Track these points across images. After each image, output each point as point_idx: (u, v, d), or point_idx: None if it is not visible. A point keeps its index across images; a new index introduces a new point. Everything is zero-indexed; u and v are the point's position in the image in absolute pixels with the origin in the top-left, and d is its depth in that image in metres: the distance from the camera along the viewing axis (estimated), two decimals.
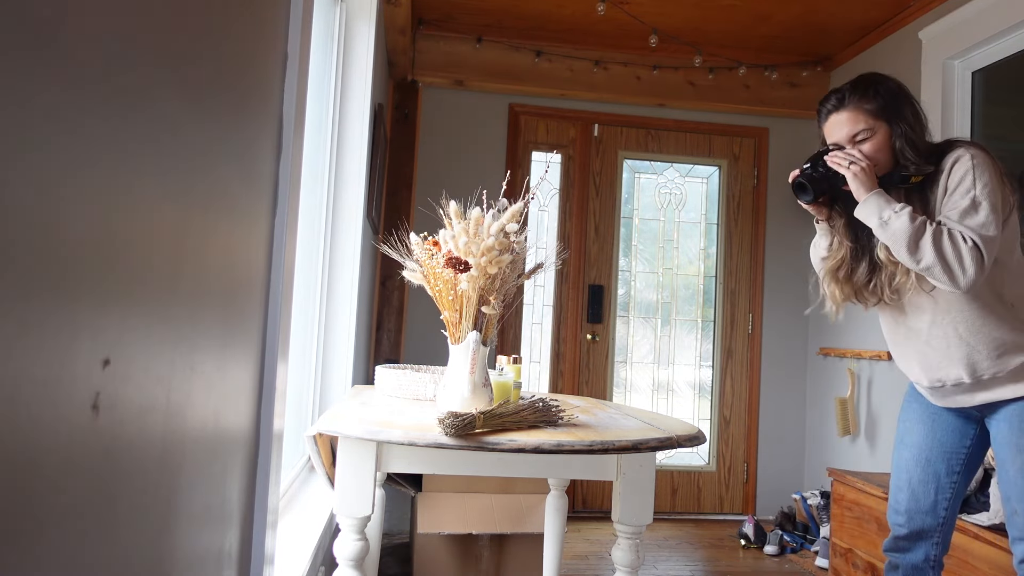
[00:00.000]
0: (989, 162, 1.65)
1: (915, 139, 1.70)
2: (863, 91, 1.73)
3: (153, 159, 0.60)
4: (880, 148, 1.71)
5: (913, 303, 1.75)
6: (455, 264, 1.44)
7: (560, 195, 4.11)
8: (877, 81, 1.75)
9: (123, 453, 0.57)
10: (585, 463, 1.48)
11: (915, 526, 1.81)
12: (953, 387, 1.73)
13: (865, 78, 1.77)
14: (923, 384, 1.80)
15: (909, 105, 1.73)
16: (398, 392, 1.81)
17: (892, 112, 1.71)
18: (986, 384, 1.69)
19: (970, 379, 1.69)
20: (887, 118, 1.71)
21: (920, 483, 1.82)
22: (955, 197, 1.63)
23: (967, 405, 1.75)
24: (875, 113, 1.71)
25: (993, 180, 1.63)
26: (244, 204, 0.91)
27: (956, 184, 1.63)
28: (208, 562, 0.83)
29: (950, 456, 1.80)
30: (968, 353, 1.68)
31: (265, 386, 1.06)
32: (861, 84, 1.75)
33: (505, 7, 3.56)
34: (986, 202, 1.60)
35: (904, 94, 1.74)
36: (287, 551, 1.66)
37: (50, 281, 0.45)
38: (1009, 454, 1.67)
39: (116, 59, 0.53)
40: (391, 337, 3.77)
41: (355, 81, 2.63)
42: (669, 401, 4.19)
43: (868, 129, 1.71)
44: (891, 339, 1.85)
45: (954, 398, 1.76)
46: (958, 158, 1.65)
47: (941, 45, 3.14)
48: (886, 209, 1.63)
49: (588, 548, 3.42)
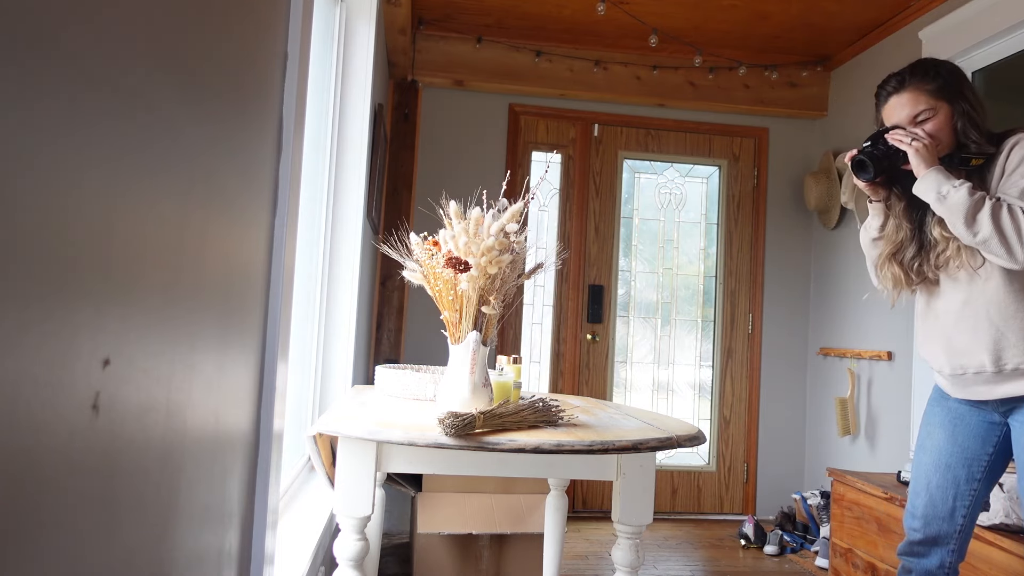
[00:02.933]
0: None
1: (977, 120, 1.70)
2: (923, 72, 1.72)
3: (153, 159, 0.60)
4: (942, 128, 1.70)
5: (949, 282, 1.73)
6: (455, 264, 1.44)
7: (560, 195, 4.11)
8: (936, 64, 1.75)
9: (123, 453, 0.57)
10: (585, 463, 1.48)
11: (931, 532, 1.78)
12: (975, 375, 1.70)
13: (924, 61, 1.77)
14: (945, 372, 1.76)
15: (969, 87, 1.73)
16: (398, 392, 1.81)
17: (953, 92, 1.70)
18: (1009, 376, 1.66)
19: (993, 367, 1.66)
20: (948, 98, 1.70)
21: (939, 488, 1.78)
22: (1015, 177, 1.61)
23: (988, 398, 1.71)
24: (936, 93, 1.70)
25: None
26: (244, 204, 0.91)
27: (1016, 165, 1.62)
28: (208, 562, 0.83)
29: (971, 462, 1.76)
30: (996, 339, 1.65)
31: (265, 386, 1.06)
32: (921, 66, 1.75)
33: (505, 7, 3.56)
34: None
35: (963, 77, 1.74)
36: (287, 551, 1.66)
37: (50, 281, 0.45)
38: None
39: (116, 59, 0.53)
40: (391, 337, 3.78)
41: (355, 81, 2.63)
42: (669, 401, 4.19)
43: (929, 109, 1.70)
44: (921, 320, 1.83)
45: (975, 388, 1.72)
46: (1019, 140, 1.65)
47: (941, 45, 3.14)
48: (945, 184, 1.61)
49: (588, 548, 3.42)
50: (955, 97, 1.70)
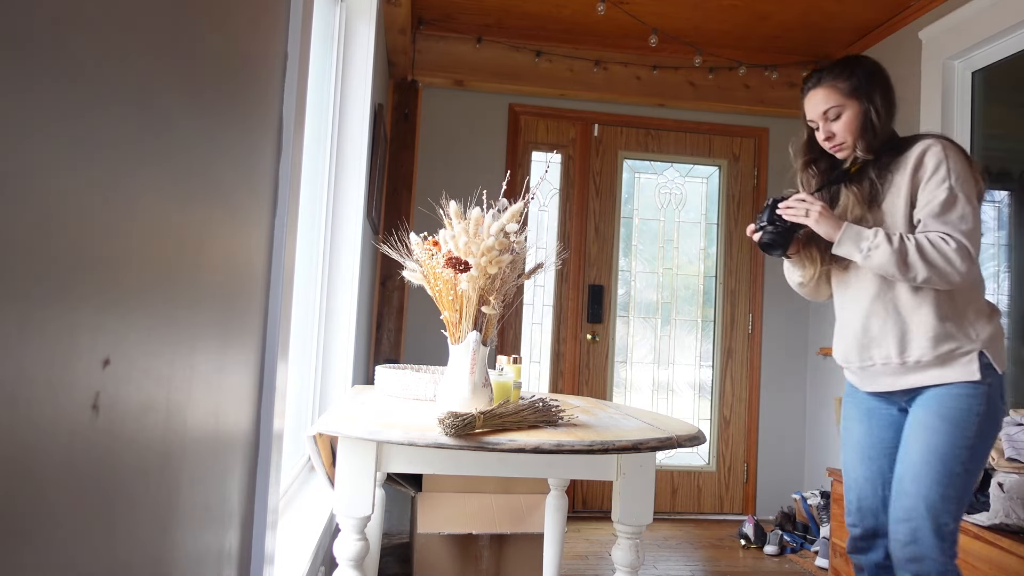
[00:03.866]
0: (960, 152, 1.71)
1: (876, 123, 1.75)
2: (839, 70, 1.79)
3: (153, 159, 0.60)
4: (848, 126, 1.77)
5: (861, 276, 1.79)
6: (455, 264, 1.44)
7: (560, 195, 4.11)
8: (855, 62, 1.81)
9: (123, 453, 0.57)
10: (585, 463, 1.48)
11: (868, 525, 1.82)
12: (882, 366, 1.75)
13: (845, 59, 1.83)
14: (854, 365, 1.82)
15: (882, 90, 1.78)
16: (398, 392, 1.81)
17: (864, 92, 1.76)
18: (912, 368, 1.71)
19: (898, 359, 1.72)
20: (858, 97, 1.76)
21: (866, 481, 1.83)
22: (930, 187, 1.67)
23: (893, 389, 1.76)
24: (847, 92, 1.76)
25: (965, 170, 1.68)
26: (244, 204, 0.91)
27: (931, 174, 1.68)
28: (208, 562, 0.83)
29: (891, 451, 1.80)
30: (902, 331, 1.72)
31: (265, 386, 1.06)
32: (839, 64, 1.81)
33: (505, 7, 3.56)
34: (961, 193, 1.65)
35: (880, 79, 1.79)
36: (287, 551, 1.66)
37: (50, 281, 0.45)
38: (915, 432, 1.69)
39: (116, 60, 0.53)
40: (391, 337, 3.77)
41: (355, 81, 2.63)
42: (669, 401, 4.19)
43: (838, 107, 1.77)
44: (838, 310, 1.89)
45: (882, 380, 1.78)
46: (928, 147, 1.70)
47: (941, 45, 3.14)
48: (862, 241, 1.68)
49: (588, 548, 3.42)
50: (865, 97, 1.76)
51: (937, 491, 1.63)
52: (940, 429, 1.65)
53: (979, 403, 1.65)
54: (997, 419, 1.69)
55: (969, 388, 1.66)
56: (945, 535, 1.64)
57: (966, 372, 1.67)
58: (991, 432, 1.68)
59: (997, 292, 3.04)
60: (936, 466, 1.64)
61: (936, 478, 1.64)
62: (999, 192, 3.17)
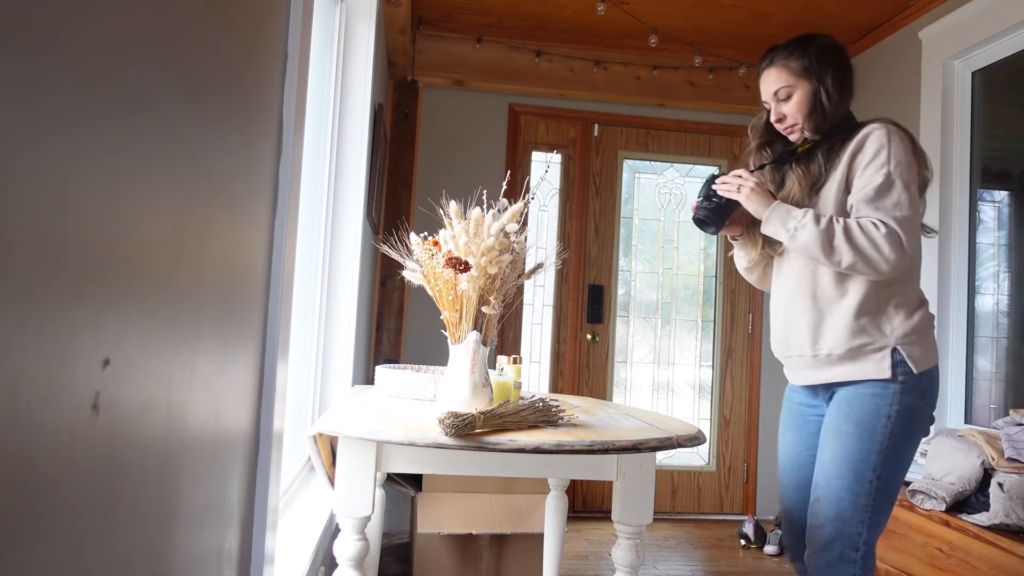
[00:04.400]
0: (905, 139, 1.62)
1: (826, 105, 1.69)
2: (791, 49, 1.74)
3: (153, 159, 0.60)
4: (798, 106, 1.71)
5: (788, 264, 1.74)
6: (455, 264, 1.44)
7: (560, 195, 4.11)
8: (808, 41, 1.74)
9: (123, 453, 0.57)
10: (585, 463, 1.48)
11: (796, 536, 1.77)
12: (798, 358, 1.70)
13: (800, 37, 1.76)
14: (780, 355, 1.78)
15: (835, 70, 1.70)
16: (398, 392, 1.81)
17: (816, 73, 1.69)
18: (823, 362, 1.65)
19: (811, 351, 1.66)
20: (809, 77, 1.70)
21: (796, 488, 1.78)
22: (868, 172, 1.59)
23: (812, 382, 1.72)
24: (798, 71, 1.71)
25: (908, 157, 1.59)
26: (244, 204, 0.91)
27: (870, 159, 1.60)
28: (208, 562, 0.83)
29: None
30: (816, 323, 1.65)
31: (265, 386, 1.06)
32: (793, 43, 1.75)
33: (505, 7, 3.56)
34: (899, 179, 1.56)
35: (833, 58, 1.72)
36: (287, 551, 1.66)
37: (50, 281, 0.45)
38: (826, 437, 1.64)
39: (116, 60, 0.53)
40: (391, 337, 3.77)
41: (355, 81, 2.63)
42: (669, 401, 4.19)
43: (788, 86, 1.72)
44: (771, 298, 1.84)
45: (801, 372, 1.73)
46: (871, 132, 1.62)
47: (941, 45, 3.14)
48: (789, 220, 1.61)
49: (588, 548, 3.42)
50: (816, 77, 1.69)
51: (848, 499, 1.57)
52: (849, 433, 1.59)
53: (889, 404, 1.57)
54: (915, 420, 1.59)
55: (878, 387, 1.58)
56: (858, 544, 1.57)
57: (876, 369, 1.59)
58: (908, 434, 1.59)
59: (997, 292, 3.04)
60: (846, 473, 1.58)
61: (846, 485, 1.58)
62: (999, 192, 3.17)
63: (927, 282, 3.13)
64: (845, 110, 1.73)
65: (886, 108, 3.52)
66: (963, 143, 3.11)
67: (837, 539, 1.58)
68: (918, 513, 2.41)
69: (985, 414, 2.99)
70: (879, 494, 1.58)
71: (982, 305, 3.07)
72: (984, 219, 3.12)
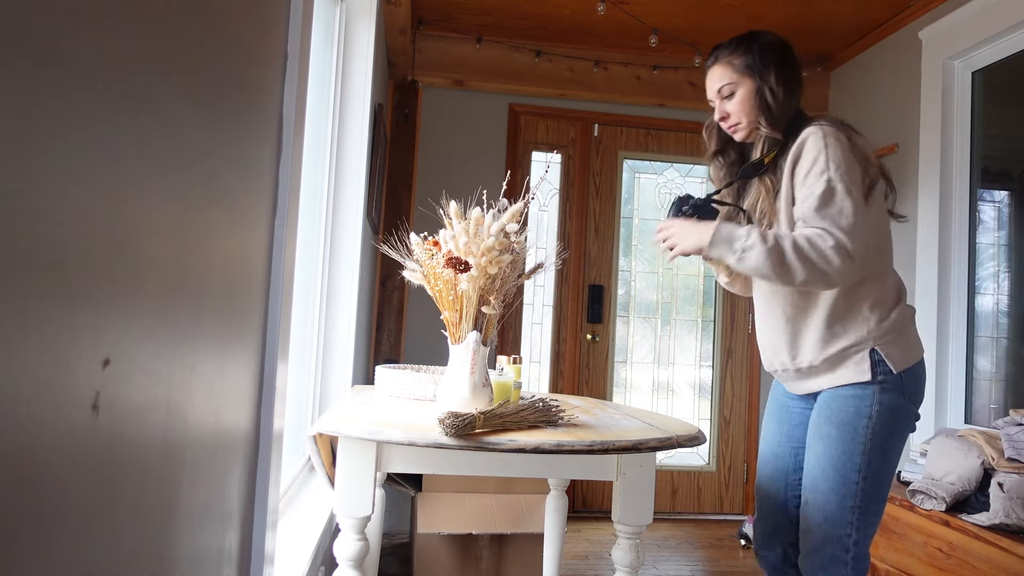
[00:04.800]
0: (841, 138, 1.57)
1: (771, 103, 1.65)
2: (735, 46, 1.71)
3: (153, 160, 0.60)
4: (741, 105, 1.69)
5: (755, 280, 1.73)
6: (455, 264, 1.44)
7: (560, 195, 4.11)
8: (752, 37, 1.71)
9: (123, 453, 0.57)
10: (585, 463, 1.48)
11: (769, 525, 1.79)
12: (783, 372, 1.70)
13: (745, 34, 1.73)
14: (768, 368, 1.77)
15: (779, 67, 1.67)
16: (398, 392, 1.81)
17: (757, 70, 1.67)
18: (806, 373, 1.65)
19: (792, 365, 1.65)
20: (752, 75, 1.67)
21: (770, 480, 1.79)
22: (810, 180, 1.55)
23: (799, 393, 1.71)
24: (741, 69, 1.68)
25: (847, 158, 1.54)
26: (244, 204, 0.91)
27: (809, 167, 1.56)
28: (208, 562, 0.83)
29: (798, 451, 1.75)
30: (792, 336, 1.64)
31: (265, 386, 1.06)
32: (736, 39, 1.72)
33: (505, 7, 3.56)
34: (840, 184, 1.51)
35: (776, 54, 1.69)
36: (287, 551, 1.66)
37: (51, 281, 0.45)
38: (812, 441, 1.64)
39: (116, 60, 0.53)
40: (391, 337, 3.77)
41: (355, 81, 2.63)
42: (669, 401, 4.19)
43: (731, 84, 1.70)
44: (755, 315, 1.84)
45: (790, 384, 1.73)
46: (807, 138, 1.58)
47: (941, 45, 3.14)
48: (735, 242, 1.55)
49: (588, 548, 3.42)
50: (759, 75, 1.66)
51: (835, 501, 1.57)
52: (832, 436, 1.59)
53: (869, 405, 1.56)
54: (898, 419, 1.58)
55: (858, 390, 1.57)
56: (848, 545, 1.57)
57: (856, 372, 1.57)
58: (891, 433, 1.57)
59: (997, 292, 3.04)
60: (831, 476, 1.58)
61: (832, 487, 1.57)
62: (999, 192, 3.17)
63: (927, 282, 3.13)
64: (794, 107, 1.69)
65: (886, 108, 3.52)
66: (963, 143, 3.11)
67: (827, 541, 1.59)
68: (918, 513, 2.41)
69: (985, 414, 2.99)
70: (866, 495, 1.57)
71: (982, 305, 3.07)
72: (984, 219, 3.12)
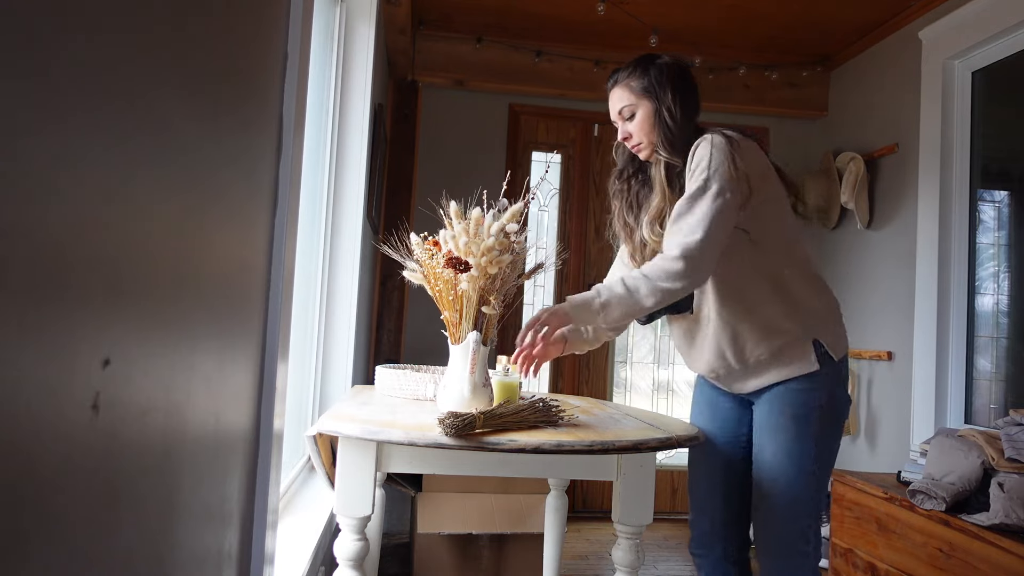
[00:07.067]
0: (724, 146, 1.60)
1: (669, 123, 1.70)
2: (633, 68, 1.76)
3: (153, 160, 0.60)
4: (641, 125, 1.74)
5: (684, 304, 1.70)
6: (455, 264, 1.44)
7: (560, 195, 4.11)
8: (649, 60, 1.76)
9: (123, 453, 0.57)
10: (585, 463, 1.48)
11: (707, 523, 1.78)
12: (727, 375, 1.69)
13: (643, 57, 1.78)
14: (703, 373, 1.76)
15: (676, 89, 1.71)
16: (398, 392, 1.81)
17: (657, 92, 1.71)
18: (754, 369, 1.65)
19: (738, 364, 1.65)
20: (650, 97, 1.72)
21: (706, 477, 1.78)
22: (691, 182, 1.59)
23: (742, 392, 1.71)
24: (639, 91, 1.73)
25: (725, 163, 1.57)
26: (244, 204, 0.91)
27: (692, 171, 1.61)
28: (208, 562, 0.83)
29: (732, 445, 1.75)
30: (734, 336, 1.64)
31: (265, 386, 1.06)
32: (634, 62, 1.77)
33: (505, 7, 3.56)
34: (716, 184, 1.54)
35: (673, 76, 1.73)
36: (287, 551, 1.66)
37: (50, 281, 0.45)
38: (763, 434, 1.64)
39: (115, 60, 0.53)
40: (391, 337, 3.77)
41: (355, 81, 2.63)
42: (669, 401, 4.19)
43: (631, 105, 1.75)
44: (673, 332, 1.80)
45: (736, 384, 1.72)
46: (700, 142, 1.63)
47: (941, 45, 3.14)
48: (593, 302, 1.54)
49: (588, 548, 3.42)
50: (656, 97, 1.71)
51: (792, 492, 1.59)
52: (788, 428, 1.60)
53: (818, 394, 1.60)
54: (841, 407, 1.63)
55: (805, 382, 1.60)
56: (809, 536, 1.60)
57: (804, 364, 1.60)
58: (836, 422, 1.62)
59: (997, 292, 3.04)
60: (789, 470, 1.59)
61: (791, 482, 1.59)
62: (999, 192, 3.17)
63: (927, 282, 3.14)
64: (692, 128, 1.74)
65: (886, 108, 3.52)
66: (963, 143, 3.11)
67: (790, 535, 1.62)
68: (918, 513, 2.41)
69: (985, 414, 2.99)
70: (820, 484, 1.62)
71: (982, 305, 3.07)
72: (984, 219, 3.12)
